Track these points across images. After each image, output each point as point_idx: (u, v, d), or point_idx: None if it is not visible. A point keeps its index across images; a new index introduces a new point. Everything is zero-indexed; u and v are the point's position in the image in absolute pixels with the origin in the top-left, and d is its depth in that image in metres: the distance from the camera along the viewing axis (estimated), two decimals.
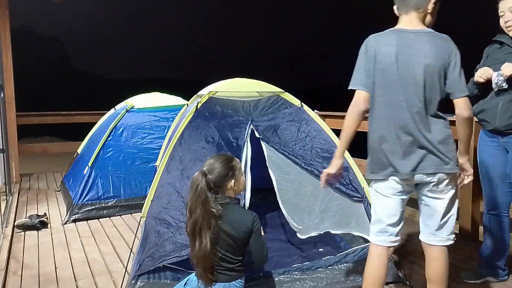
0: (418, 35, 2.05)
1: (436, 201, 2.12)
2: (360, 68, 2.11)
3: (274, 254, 3.14)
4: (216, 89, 3.34)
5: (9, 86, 5.92)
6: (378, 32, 2.12)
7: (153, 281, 2.56)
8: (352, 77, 2.12)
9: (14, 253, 3.46)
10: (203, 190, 2.12)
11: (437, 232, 2.17)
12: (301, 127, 3.12)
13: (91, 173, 4.55)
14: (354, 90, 2.11)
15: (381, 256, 2.17)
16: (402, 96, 2.02)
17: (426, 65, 2.01)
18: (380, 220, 2.17)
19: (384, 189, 2.12)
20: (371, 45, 2.08)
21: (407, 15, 2.09)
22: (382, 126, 2.07)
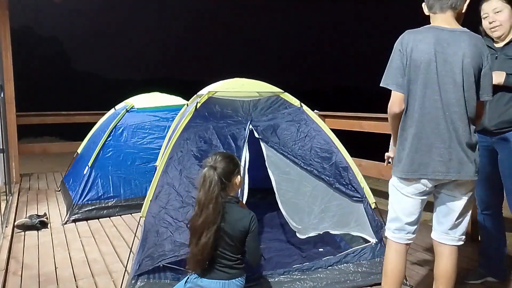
0: (456, 34, 2.03)
1: (455, 201, 2.14)
2: (394, 65, 2.07)
3: (274, 254, 3.14)
4: (216, 89, 3.34)
5: (9, 86, 5.93)
6: (413, 29, 2.09)
7: (153, 281, 2.56)
8: (385, 74, 2.10)
9: (14, 253, 3.46)
10: (217, 185, 2.14)
11: (450, 231, 2.18)
12: (300, 127, 3.12)
13: (91, 173, 4.55)
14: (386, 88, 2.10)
15: (400, 252, 2.20)
16: (438, 96, 2.01)
17: (465, 64, 1.99)
18: (398, 219, 2.19)
19: (406, 188, 2.14)
20: (407, 42, 2.04)
21: (443, 13, 2.06)
22: (417, 125, 2.05)
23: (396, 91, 2.07)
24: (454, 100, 2.00)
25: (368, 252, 2.86)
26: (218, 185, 2.13)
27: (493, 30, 2.52)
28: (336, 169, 2.98)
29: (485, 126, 2.53)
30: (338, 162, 3.00)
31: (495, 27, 2.50)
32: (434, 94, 2.01)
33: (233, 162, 2.25)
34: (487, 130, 2.55)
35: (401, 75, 2.05)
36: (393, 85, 2.07)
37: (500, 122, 2.49)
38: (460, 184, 2.09)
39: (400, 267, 2.19)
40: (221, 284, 2.24)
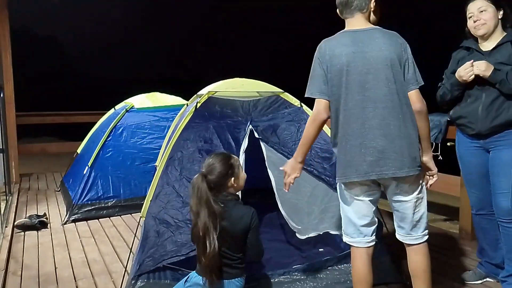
0: (369, 32, 2.09)
1: (404, 204, 2.14)
2: (316, 75, 2.11)
3: (274, 254, 3.13)
4: (216, 89, 3.34)
5: (8, 86, 5.93)
6: (328, 37, 2.15)
7: (153, 281, 2.56)
8: (308, 84, 2.13)
9: (14, 253, 3.46)
10: (204, 192, 2.13)
11: (412, 231, 2.19)
12: (300, 127, 3.11)
13: (91, 173, 4.55)
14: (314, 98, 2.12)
15: (361, 257, 2.21)
16: (361, 95, 2.02)
17: (385, 58, 2.01)
18: (352, 222, 2.20)
19: (351, 191, 2.14)
20: (324, 50, 2.09)
21: (353, 17, 2.12)
22: (343, 127, 2.08)
23: (320, 98, 2.09)
24: (382, 96, 2.00)
25: None
26: (205, 191, 2.13)
27: (477, 28, 2.53)
28: None
29: (478, 131, 2.53)
30: None
31: (479, 25, 2.51)
32: (356, 94, 2.02)
33: (226, 164, 2.24)
34: (480, 134, 2.54)
35: (323, 82, 2.08)
36: (317, 93, 2.10)
37: (492, 127, 2.48)
38: (401, 182, 2.06)
39: (365, 271, 2.18)
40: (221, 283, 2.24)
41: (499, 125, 2.48)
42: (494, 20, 2.50)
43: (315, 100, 2.11)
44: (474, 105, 2.52)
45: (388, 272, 2.82)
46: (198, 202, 2.14)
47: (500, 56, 2.49)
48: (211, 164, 2.23)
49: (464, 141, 2.69)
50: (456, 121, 2.68)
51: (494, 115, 2.47)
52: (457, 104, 2.63)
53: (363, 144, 2.02)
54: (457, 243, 3.59)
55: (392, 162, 2.00)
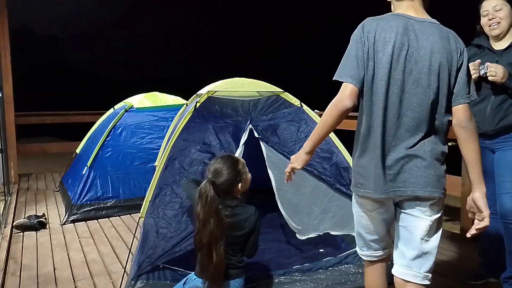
0: (425, 25, 1.73)
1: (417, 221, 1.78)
2: (352, 55, 1.73)
3: (274, 255, 3.13)
4: (215, 89, 3.33)
5: (7, 86, 5.91)
6: (376, 16, 1.78)
7: (152, 281, 2.55)
8: (340, 66, 1.76)
9: (13, 254, 3.44)
10: (214, 200, 2.09)
11: (413, 263, 1.79)
12: (300, 127, 3.10)
13: (90, 173, 4.53)
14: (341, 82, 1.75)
15: (373, 269, 2.01)
16: (398, 98, 1.70)
17: (433, 62, 1.69)
18: (361, 236, 1.98)
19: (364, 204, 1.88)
20: (368, 29, 1.73)
21: (413, 2, 1.77)
22: (371, 129, 1.75)
23: (350, 83, 1.71)
24: (415, 105, 1.69)
25: None
26: (215, 200, 2.09)
27: (492, 27, 2.50)
28: (337, 170, 2.96)
29: (484, 130, 2.51)
30: (338, 162, 2.99)
31: (495, 24, 2.49)
32: (394, 96, 1.70)
33: (235, 170, 2.20)
34: (486, 134, 2.53)
35: (359, 66, 1.71)
36: (347, 77, 1.72)
37: (500, 127, 2.47)
38: (420, 201, 1.74)
39: (378, 284, 1.98)
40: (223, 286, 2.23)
41: (506, 126, 2.47)
42: (509, 19, 2.48)
43: (342, 85, 1.74)
44: (483, 105, 2.51)
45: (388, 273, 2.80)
46: (206, 209, 2.08)
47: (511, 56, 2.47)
48: (218, 170, 2.17)
49: None
50: None
51: (501, 116, 2.46)
52: None
53: (383, 155, 1.73)
54: (458, 243, 3.58)
55: (414, 179, 1.71)
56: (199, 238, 2.12)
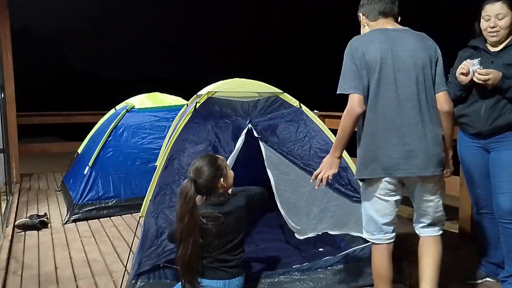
0: (401, 31, 2.14)
1: (427, 202, 2.20)
2: (348, 71, 2.09)
3: (273, 254, 3.14)
4: (215, 89, 3.35)
5: (9, 86, 5.94)
6: (358, 35, 2.19)
7: (153, 281, 2.57)
8: (341, 81, 2.10)
9: (14, 253, 3.46)
10: (192, 198, 2.16)
11: (430, 226, 2.26)
12: (299, 127, 3.12)
13: (92, 173, 4.56)
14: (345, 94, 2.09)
15: (382, 253, 2.21)
16: (393, 93, 2.04)
17: (417, 58, 2.06)
18: (373, 220, 2.20)
19: (374, 189, 2.16)
20: (356, 47, 2.09)
21: (386, 18, 2.17)
22: (372, 123, 2.07)
23: (355, 93, 2.05)
24: (411, 95, 2.04)
25: (368, 252, 2.85)
26: (193, 198, 2.16)
27: (491, 34, 2.49)
28: None
29: (479, 130, 2.53)
30: None
31: (495, 32, 2.48)
32: (386, 92, 2.04)
33: (214, 167, 2.26)
34: (481, 134, 2.54)
35: (356, 77, 2.06)
36: (351, 89, 2.06)
37: (495, 127, 2.48)
38: (426, 181, 2.12)
39: (385, 267, 2.20)
40: (221, 283, 2.25)
41: (501, 126, 2.47)
42: (509, 28, 2.48)
43: (349, 96, 2.07)
44: (477, 105, 2.51)
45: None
46: (184, 206, 2.15)
47: (507, 57, 2.46)
48: (199, 168, 2.24)
49: (465, 140, 2.69)
50: (458, 120, 2.66)
51: (496, 116, 2.46)
52: (462, 103, 2.62)
53: (391, 141, 2.04)
54: (456, 243, 3.59)
55: (419, 161, 2.03)
56: (175, 232, 2.21)
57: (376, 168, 2.07)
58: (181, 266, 2.20)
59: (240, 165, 2.84)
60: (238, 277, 2.31)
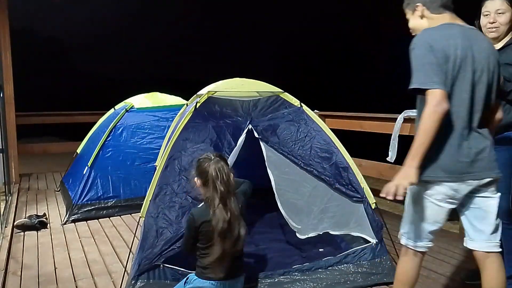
0: (473, 30, 2.00)
1: (489, 200, 2.01)
2: (427, 63, 1.86)
3: (274, 254, 3.14)
4: (216, 89, 3.34)
5: (8, 86, 5.92)
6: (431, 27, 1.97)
7: (153, 281, 2.56)
8: (417, 74, 1.87)
9: (14, 254, 3.45)
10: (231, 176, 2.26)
11: (492, 236, 2.01)
12: (300, 127, 3.11)
13: (91, 173, 4.54)
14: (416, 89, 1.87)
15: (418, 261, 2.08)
16: (468, 94, 1.90)
17: (490, 62, 1.94)
18: (422, 227, 2.03)
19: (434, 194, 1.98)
20: (435, 38, 1.89)
21: (451, 12, 2.01)
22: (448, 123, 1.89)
23: (439, 89, 1.82)
24: (481, 99, 1.93)
25: (368, 253, 2.86)
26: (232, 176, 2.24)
27: (490, 30, 2.50)
28: (336, 169, 2.97)
29: None
30: (338, 162, 3.00)
31: (494, 28, 2.48)
32: (464, 93, 1.90)
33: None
34: None
35: (440, 71, 1.86)
36: (434, 83, 1.83)
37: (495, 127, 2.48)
38: (489, 184, 2.00)
39: (416, 275, 2.08)
40: (222, 284, 2.25)
41: (499, 126, 2.47)
42: (509, 25, 2.47)
43: (428, 92, 1.83)
44: None
45: (388, 272, 2.82)
46: (227, 189, 2.20)
47: (506, 56, 2.45)
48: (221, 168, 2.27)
49: None
50: None
51: None
52: None
53: (462, 145, 1.91)
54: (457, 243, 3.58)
55: (485, 164, 1.95)
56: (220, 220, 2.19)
57: (436, 169, 1.92)
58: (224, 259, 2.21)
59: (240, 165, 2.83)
60: (238, 277, 2.31)
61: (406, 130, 4.14)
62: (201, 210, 2.29)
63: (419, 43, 1.90)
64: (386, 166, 4.45)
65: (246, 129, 3.01)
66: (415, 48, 1.91)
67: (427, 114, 1.82)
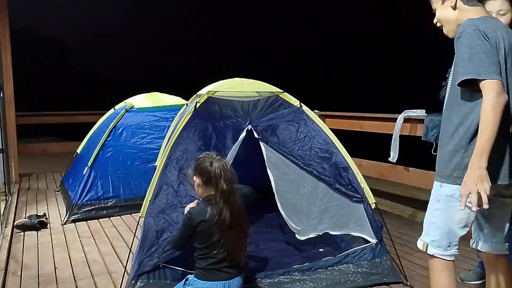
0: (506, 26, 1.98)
1: (506, 205, 1.96)
2: (481, 52, 1.73)
3: (274, 254, 3.14)
4: (215, 89, 3.34)
5: (8, 86, 5.93)
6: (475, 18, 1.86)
7: (152, 281, 2.56)
8: (471, 64, 1.74)
9: (14, 253, 3.46)
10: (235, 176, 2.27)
11: (504, 240, 2.00)
12: (300, 127, 3.11)
13: (91, 173, 4.55)
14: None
15: (452, 270, 1.95)
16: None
17: None
18: (453, 232, 1.90)
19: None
20: (485, 27, 1.78)
21: (482, 6, 1.94)
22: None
23: (498, 79, 1.71)
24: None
25: (368, 253, 2.86)
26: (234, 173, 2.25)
27: None
28: (336, 169, 2.97)
29: None
30: (338, 162, 3.00)
31: None
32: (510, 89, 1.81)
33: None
34: None
35: (496, 62, 1.75)
36: (490, 74, 1.71)
37: None
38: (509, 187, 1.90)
39: (455, 286, 1.95)
40: (222, 284, 2.25)
41: None
42: (510, 25, 2.45)
43: (485, 82, 1.71)
44: None
45: (388, 272, 2.82)
46: (230, 185, 2.21)
47: None
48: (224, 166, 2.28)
49: None
50: None
51: None
52: None
53: (503, 145, 1.78)
54: None
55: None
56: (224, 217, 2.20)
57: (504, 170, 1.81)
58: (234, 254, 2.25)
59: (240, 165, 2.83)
60: (237, 277, 2.31)
61: (406, 130, 4.15)
62: (199, 209, 2.29)
63: (470, 31, 1.77)
64: (386, 166, 4.46)
65: (246, 129, 3.01)
66: (465, 37, 1.78)
67: (490, 106, 1.68)
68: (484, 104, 1.70)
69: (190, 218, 2.26)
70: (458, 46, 1.81)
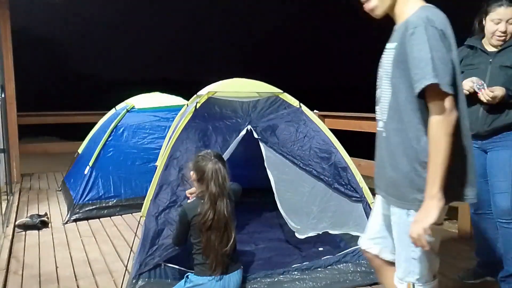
0: None
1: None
2: (447, 58, 1.45)
3: (273, 254, 3.16)
4: (215, 89, 3.36)
5: (10, 86, 5.95)
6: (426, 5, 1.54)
7: (154, 280, 2.58)
8: (437, 68, 1.41)
9: (15, 253, 3.47)
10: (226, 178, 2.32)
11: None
12: (299, 128, 3.13)
13: (92, 173, 4.56)
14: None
15: None
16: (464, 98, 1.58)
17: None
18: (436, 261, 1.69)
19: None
20: (443, 24, 1.48)
21: None
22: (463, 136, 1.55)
23: (451, 93, 1.44)
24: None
25: None
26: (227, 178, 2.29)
27: (499, 38, 2.45)
28: (335, 169, 2.99)
29: (477, 131, 2.52)
30: (337, 162, 3.02)
31: (503, 36, 2.44)
32: (463, 97, 1.57)
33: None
34: (479, 135, 2.54)
35: (450, 71, 1.45)
36: (448, 86, 1.42)
37: (493, 128, 2.48)
38: None
39: None
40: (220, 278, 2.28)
41: (499, 127, 2.48)
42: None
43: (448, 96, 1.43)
44: (474, 107, 2.50)
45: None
46: (220, 190, 2.26)
47: (506, 59, 2.45)
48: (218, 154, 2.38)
49: None
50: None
51: (494, 117, 2.46)
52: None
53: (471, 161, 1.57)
54: (455, 243, 3.60)
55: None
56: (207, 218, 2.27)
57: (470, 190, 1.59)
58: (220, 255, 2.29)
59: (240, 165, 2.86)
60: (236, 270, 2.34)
61: None
62: (192, 204, 2.35)
63: (426, 26, 1.44)
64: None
65: (245, 129, 3.02)
66: (421, 32, 1.43)
67: (437, 126, 1.44)
68: (433, 125, 1.44)
69: (184, 214, 2.34)
70: (411, 43, 1.45)
